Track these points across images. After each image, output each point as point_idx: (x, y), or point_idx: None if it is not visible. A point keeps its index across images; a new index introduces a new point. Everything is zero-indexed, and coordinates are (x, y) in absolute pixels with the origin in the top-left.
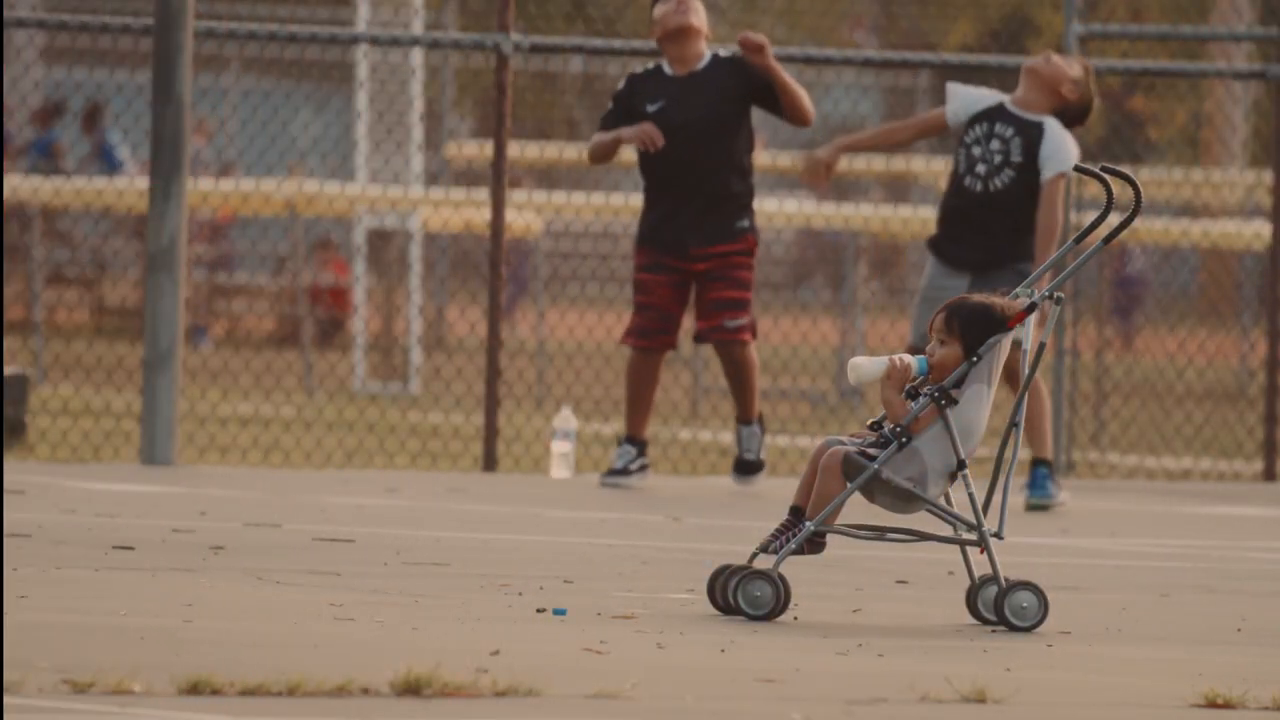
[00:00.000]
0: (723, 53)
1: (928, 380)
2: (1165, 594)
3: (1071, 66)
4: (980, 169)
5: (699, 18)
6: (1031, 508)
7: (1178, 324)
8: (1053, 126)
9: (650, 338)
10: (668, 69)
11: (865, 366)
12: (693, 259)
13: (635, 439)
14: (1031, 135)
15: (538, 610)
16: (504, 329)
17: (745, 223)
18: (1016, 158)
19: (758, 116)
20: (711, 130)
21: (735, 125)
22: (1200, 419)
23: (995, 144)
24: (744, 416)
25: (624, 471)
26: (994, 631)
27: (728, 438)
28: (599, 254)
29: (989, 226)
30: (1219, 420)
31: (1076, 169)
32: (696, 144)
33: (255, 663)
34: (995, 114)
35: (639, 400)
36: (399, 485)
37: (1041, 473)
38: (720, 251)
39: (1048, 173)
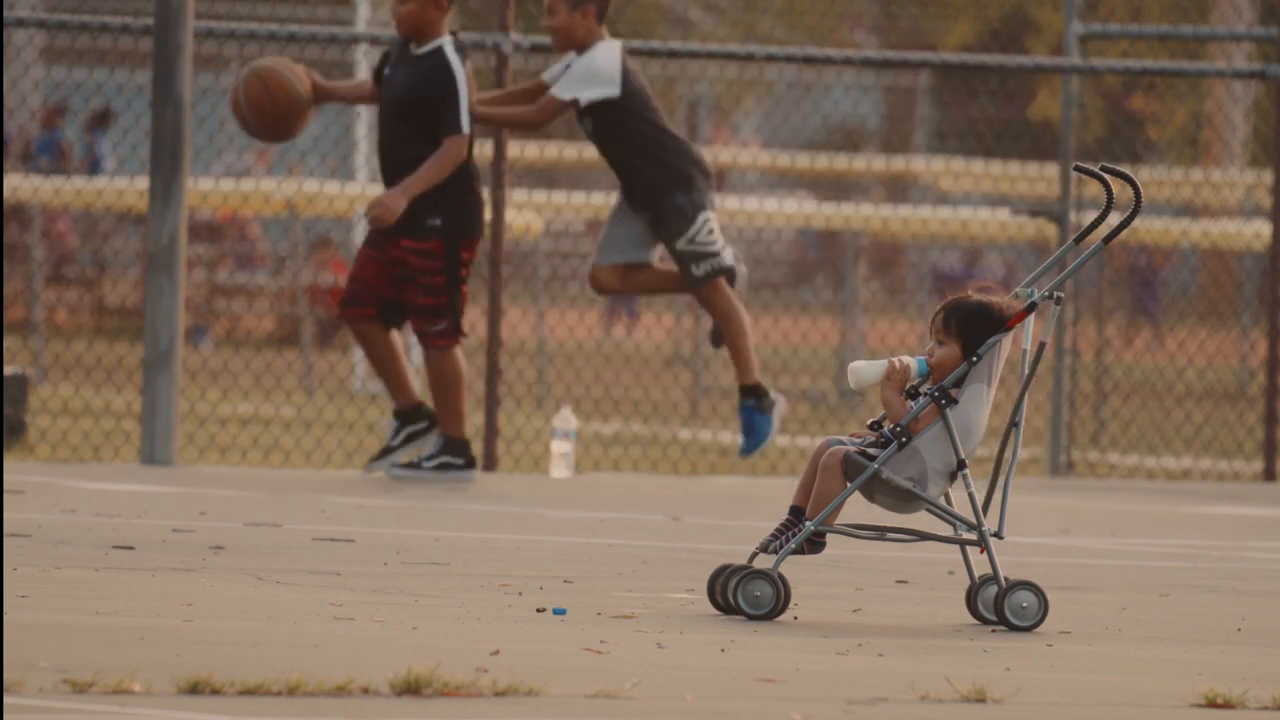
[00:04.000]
0: (448, 49)
1: (928, 380)
2: (1165, 594)
3: None
4: None
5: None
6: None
7: (1178, 324)
8: None
9: (346, 306)
10: (412, 45)
11: (865, 370)
12: (390, 244)
13: (401, 410)
14: None
15: (538, 610)
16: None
17: (436, 220)
18: None
19: (757, 116)
20: (396, 115)
21: (414, 113)
22: (1200, 419)
23: None
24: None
25: (388, 450)
26: (994, 631)
27: (728, 438)
28: None
29: None
30: (1219, 420)
31: (1076, 169)
32: (387, 126)
33: (255, 663)
34: None
35: (381, 373)
36: (399, 485)
37: (748, 405)
38: (407, 246)
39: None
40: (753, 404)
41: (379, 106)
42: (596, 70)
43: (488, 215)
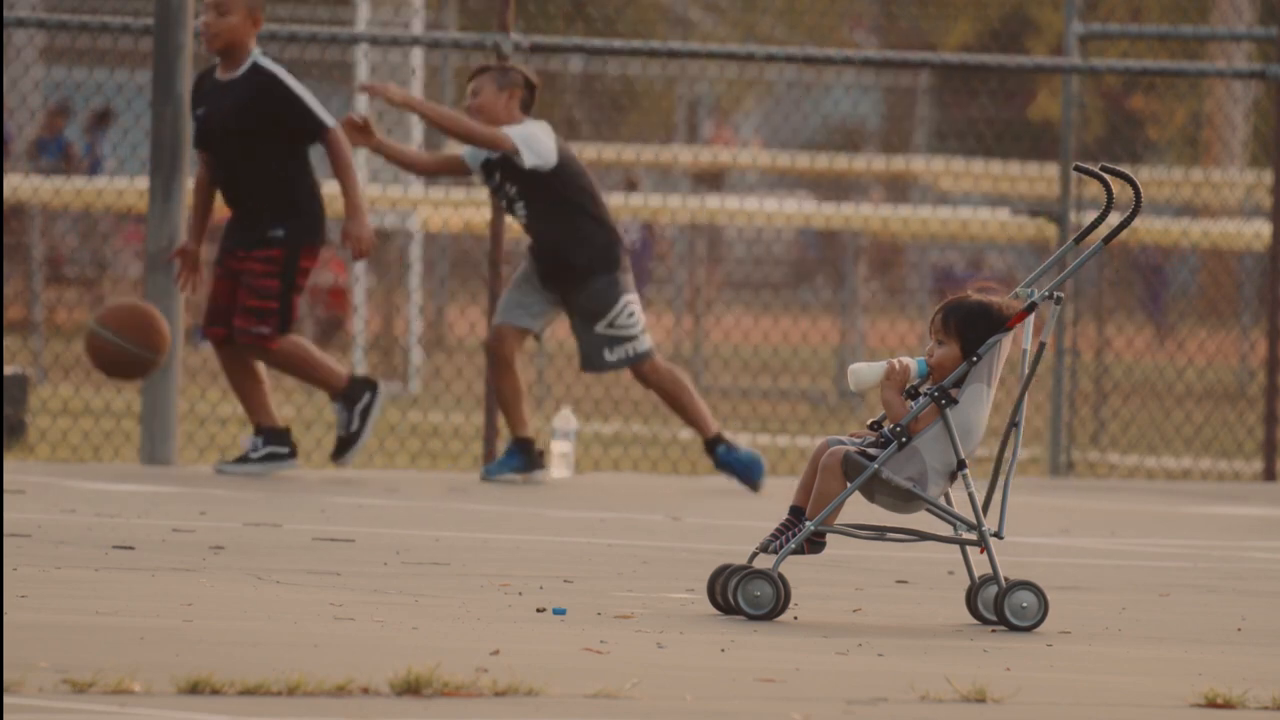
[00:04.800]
0: (263, 60)
1: (928, 381)
2: (1165, 594)
3: None
4: None
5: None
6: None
7: (1178, 324)
8: None
9: (205, 326)
10: (218, 71)
11: (864, 372)
12: (235, 259)
13: (261, 429)
14: None
15: (538, 610)
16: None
17: (279, 231)
18: None
19: (757, 116)
20: (238, 140)
21: (254, 133)
22: (1200, 419)
23: None
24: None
25: (244, 459)
26: (994, 631)
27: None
28: None
29: None
30: (1219, 420)
31: (1076, 169)
32: (227, 153)
33: (255, 663)
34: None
35: (237, 391)
36: (399, 485)
37: (721, 452)
38: (252, 256)
39: None
40: (724, 449)
41: (203, 136)
42: (534, 139)
43: (487, 215)
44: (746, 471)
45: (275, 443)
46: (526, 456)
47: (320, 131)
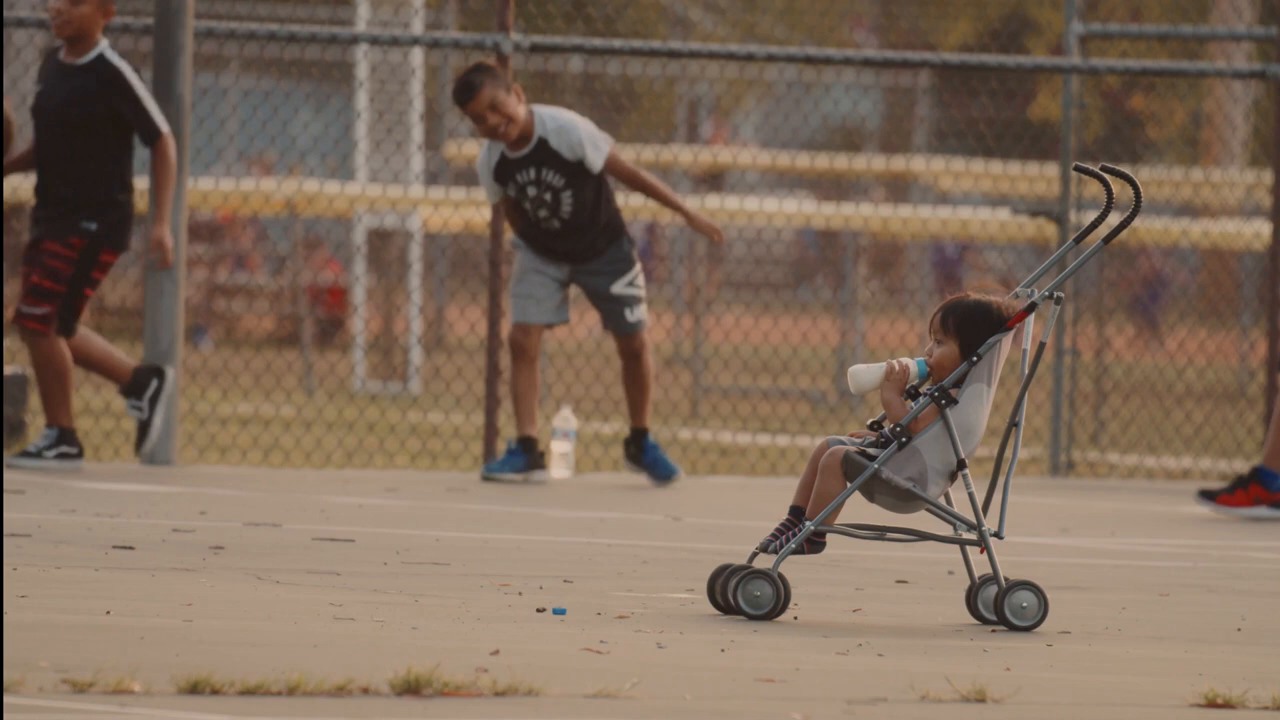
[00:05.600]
0: (111, 55)
1: (928, 381)
2: (1165, 594)
3: None
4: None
5: None
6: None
7: (1178, 324)
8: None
9: (18, 319)
10: (63, 54)
11: (864, 374)
12: (40, 249)
13: (57, 426)
14: None
15: (538, 610)
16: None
17: (91, 225)
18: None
19: (757, 116)
20: (67, 130)
21: (87, 123)
22: (1200, 419)
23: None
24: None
25: (37, 454)
26: (994, 631)
27: (728, 438)
28: None
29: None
30: (1219, 420)
31: (1076, 169)
32: (53, 142)
33: (255, 663)
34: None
35: (40, 384)
36: (399, 485)
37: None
38: (55, 245)
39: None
40: (653, 446)
41: (37, 122)
42: (592, 129)
43: (487, 215)
44: (662, 470)
45: (66, 443)
46: (529, 456)
47: (153, 137)
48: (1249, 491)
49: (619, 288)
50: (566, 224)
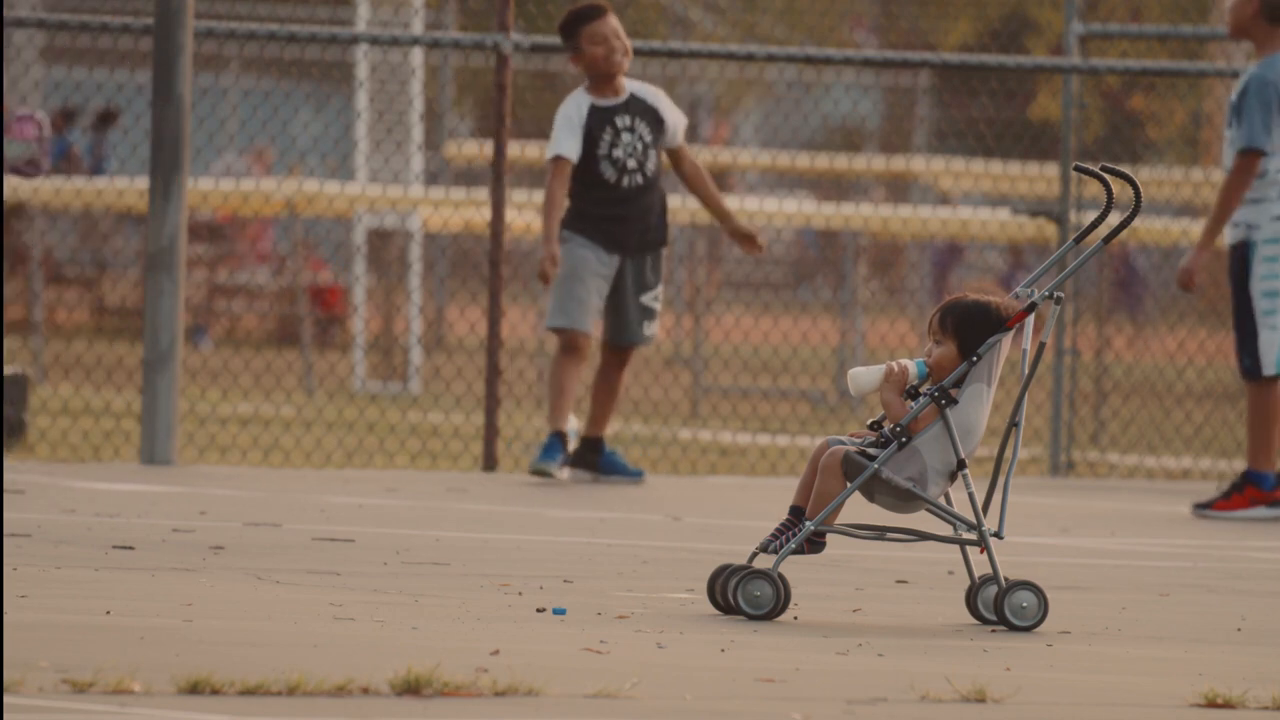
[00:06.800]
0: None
1: (927, 381)
2: (1165, 594)
3: None
4: None
5: None
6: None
7: (1177, 324)
8: None
9: None
10: None
11: (864, 376)
12: None
13: None
14: None
15: (538, 610)
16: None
17: None
18: None
19: (757, 116)
20: None
21: None
22: (1200, 419)
23: None
24: None
25: None
26: (994, 631)
27: (728, 438)
28: None
29: None
30: (1219, 420)
31: (1076, 169)
32: None
33: (255, 663)
34: None
35: None
36: (399, 485)
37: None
38: None
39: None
40: (610, 452)
41: None
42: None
43: (487, 215)
44: (626, 471)
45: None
46: (566, 452)
47: None
48: (1244, 494)
49: (648, 299)
50: (650, 181)
